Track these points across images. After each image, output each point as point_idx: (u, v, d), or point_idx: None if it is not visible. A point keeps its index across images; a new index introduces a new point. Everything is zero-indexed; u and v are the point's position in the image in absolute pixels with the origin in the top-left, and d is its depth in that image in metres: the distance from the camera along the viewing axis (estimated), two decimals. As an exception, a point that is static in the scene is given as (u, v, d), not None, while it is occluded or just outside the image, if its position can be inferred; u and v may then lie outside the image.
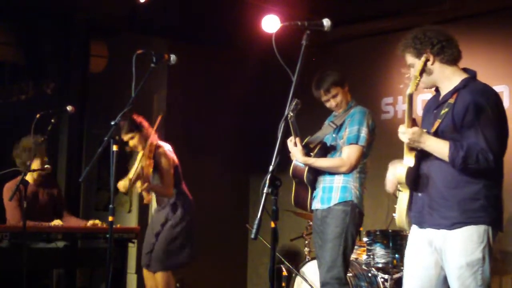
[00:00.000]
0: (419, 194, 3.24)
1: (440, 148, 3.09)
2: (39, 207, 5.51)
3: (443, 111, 3.18)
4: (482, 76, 3.15)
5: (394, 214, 3.51)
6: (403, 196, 3.31)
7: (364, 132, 4.30)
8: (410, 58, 3.29)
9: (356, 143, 4.29)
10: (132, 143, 5.26)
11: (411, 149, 3.19)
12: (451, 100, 3.16)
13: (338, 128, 4.42)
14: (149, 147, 5.17)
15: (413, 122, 3.14)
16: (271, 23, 6.41)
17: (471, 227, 3.07)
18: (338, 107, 4.47)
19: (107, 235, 3.50)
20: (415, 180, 3.22)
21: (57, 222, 5.30)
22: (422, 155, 3.19)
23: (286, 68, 2.82)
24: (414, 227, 3.33)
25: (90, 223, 5.41)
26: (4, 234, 4.82)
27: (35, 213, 5.34)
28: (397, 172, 3.23)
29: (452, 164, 3.06)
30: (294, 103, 3.99)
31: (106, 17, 6.75)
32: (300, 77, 2.81)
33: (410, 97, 3.07)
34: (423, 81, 3.24)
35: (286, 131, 2.78)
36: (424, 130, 3.14)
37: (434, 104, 3.32)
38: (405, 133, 3.13)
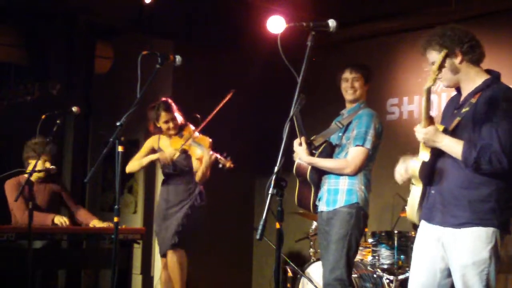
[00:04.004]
0: (432, 191, 3.24)
1: (454, 147, 3.09)
2: (40, 203, 5.54)
3: (464, 110, 3.17)
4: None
5: (405, 207, 3.52)
6: (416, 190, 3.31)
7: (371, 135, 4.29)
8: (435, 55, 3.21)
9: (363, 145, 4.27)
10: (173, 123, 5.46)
11: None
12: (473, 100, 3.15)
13: (345, 128, 4.41)
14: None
15: (430, 121, 3.14)
16: (276, 24, 6.40)
17: (479, 228, 3.08)
18: (352, 91, 4.44)
19: (112, 236, 3.50)
20: (429, 175, 3.23)
21: (60, 218, 5.29)
22: (438, 151, 3.19)
23: (291, 69, 2.82)
24: (423, 222, 3.33)
25: (104, 224, 5.44)
26: (10, 235, 4.83)
27: (37, 209, 5.37)
28: (411, 165, 3.24)
29: (464, 164, 3.07)
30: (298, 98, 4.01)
31: (112, 18, 6.76)
32: (305, 77, 2.80)
33: (428, 91, 3.07)
34: (447, 78, 3.25)
35: (291, 131, 2.78)
36: (440, 129, 3.14)
37: (455, 104, 3.32)
38: (419, 132, 3.14)
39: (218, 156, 5.23)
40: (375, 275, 5.40)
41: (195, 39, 7.00)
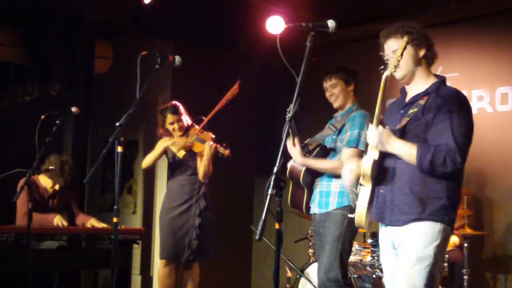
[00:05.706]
0: (381, 190, 3.21)
1: (407, 151, 3.08)
2: (53, 206, 5.64)
3: (411, 111, 3.17)
4: (486, 77, 3.15)
5: (349, 215, 3.46)
6: (365, 191, 3.24)
7: (364, 136, 4.28)
8: (396, 44, 3.26)
9: (356, 147, 4.28)
10: (179, 125, 5.55)
11: None
12: (421, 101, 3.17)
13: (338, 131, 4.41)
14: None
15: (380, 122, 3.14)
16: (275, 25, 6.41)
17: (428, 223, 3.07)
18: (334, 98, 4.45)
19: (112, 236, 3.50)
20: (379, 174, 3.20)
21: (58, 218, 5.32)
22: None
23: (290, 69, 2.82)
24: (380, 228, 3.33)
25: (101, 224, 5.46)
26: (9, 235, 4.84)
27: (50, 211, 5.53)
28: (362, 164, 3.19)
29: (419, 168, 3.05)
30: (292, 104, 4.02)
31: (111, 18, 6.76)
32: (304, 78, 2.81)
33: (386, 81, 3.08)
34: (407, 67, 3.24)
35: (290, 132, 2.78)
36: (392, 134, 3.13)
37: (400, 105, 3.32)
38: (374, 134, 3.12)
39: (218, 146, 5.37)
40: (374, 276, 5.40)
41: (195, 39, 7.00)
